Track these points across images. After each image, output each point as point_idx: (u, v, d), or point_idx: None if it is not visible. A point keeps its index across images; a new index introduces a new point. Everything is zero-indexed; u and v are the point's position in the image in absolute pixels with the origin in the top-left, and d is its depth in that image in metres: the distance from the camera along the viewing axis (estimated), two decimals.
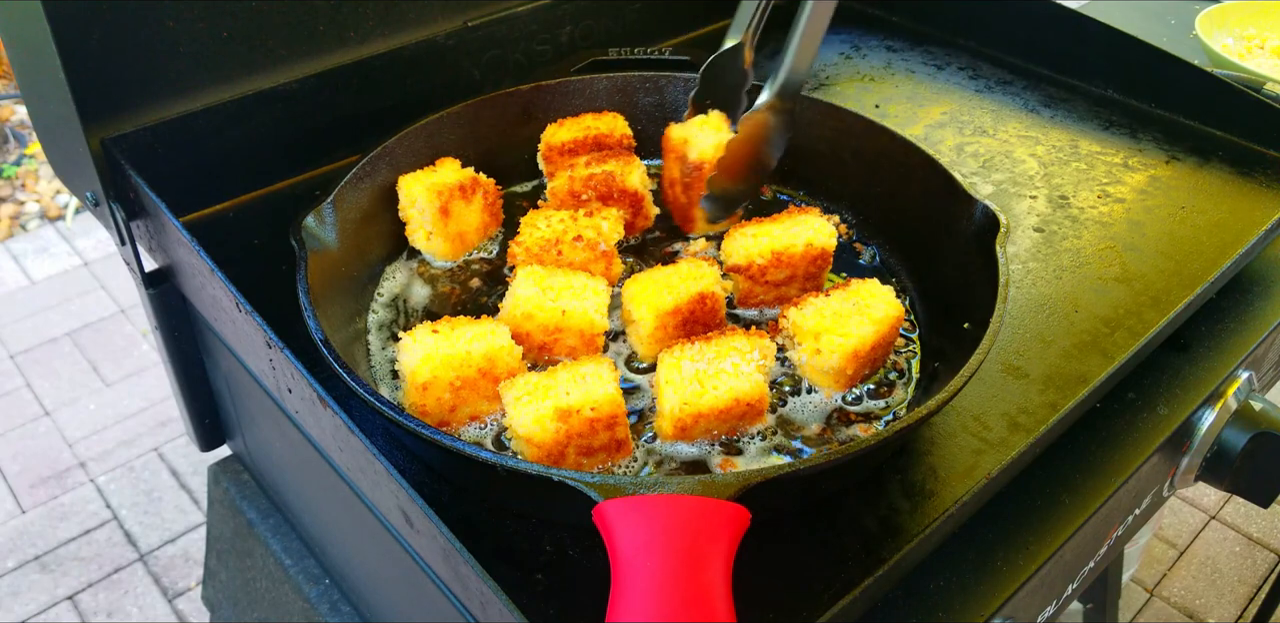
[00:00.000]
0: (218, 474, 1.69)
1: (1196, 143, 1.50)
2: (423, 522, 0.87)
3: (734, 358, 0.98)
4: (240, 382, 1.37)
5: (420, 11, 1.41)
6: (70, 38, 1.09)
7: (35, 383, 3.31)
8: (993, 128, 1.54)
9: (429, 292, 1.21)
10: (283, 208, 1.32)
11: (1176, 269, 1.25)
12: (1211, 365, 1.25)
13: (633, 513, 0.76)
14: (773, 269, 1.13)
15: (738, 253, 1.14)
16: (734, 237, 1.15)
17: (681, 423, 0.97)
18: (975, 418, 1.04)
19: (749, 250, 1.13)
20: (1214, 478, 1.32)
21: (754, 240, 1.14)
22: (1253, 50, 1.98)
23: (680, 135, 1.26)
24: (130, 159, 1.18)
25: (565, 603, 0.86)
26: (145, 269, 1.30)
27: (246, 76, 1.29)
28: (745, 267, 1.13)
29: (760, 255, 1.12)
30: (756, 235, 1.14)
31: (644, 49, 1.49)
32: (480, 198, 1.23)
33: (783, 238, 1.13)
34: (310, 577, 1.50)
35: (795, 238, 1.13)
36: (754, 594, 0.85)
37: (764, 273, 1.13)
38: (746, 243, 1.14)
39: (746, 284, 1.16)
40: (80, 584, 2.69)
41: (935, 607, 0.97)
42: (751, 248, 1.13)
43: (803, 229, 1.14)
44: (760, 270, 1.13)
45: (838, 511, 0.95)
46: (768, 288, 1.15)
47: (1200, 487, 2.21)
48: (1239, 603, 2.69)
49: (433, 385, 0.97)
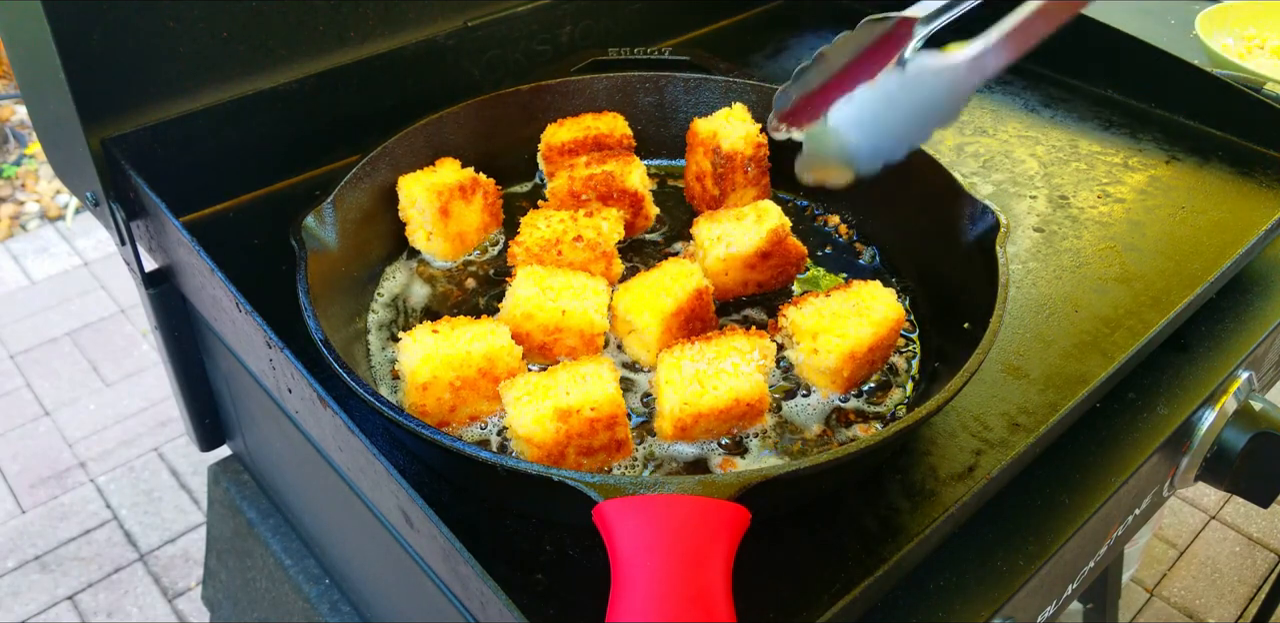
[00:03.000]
0: (218, 474, 1.69)
1: (1196, 143, 1.50)
2: (423, 522, 0.87)
3: (734, 358, 0.98)
4: (240, 382, 1.37)
5: (420, 11, 1.41)
6: (70, 38, 1.09)
7: (35, 383, 3.31)
8: (993, 128, 1.54)
9: (429, 292, 1.21)
10: (283, 208, 1.32)
11: (1176, 269, 1.25)
12: (1211, 365, 1.25)
13: (633, 513, 0.76)
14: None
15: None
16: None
17: (681, 423, 0.97)
18: (975, 418, 1.04)
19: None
20: (1214, 478, 1.32)
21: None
22: (1253, 50, 1.98)
23: (708, 128, 1.27)
24: (130, 159, 1.18)
25: (565, 603, 0.86)
26: (145, 269, 1.30)
27: (246, 76, 1.29)
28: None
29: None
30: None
31: (644, 49, 1.49)
32: (480, 198, 1.23)
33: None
34: (310, 577, 1.50)
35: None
36: (754, 594, 0.85)
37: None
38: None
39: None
40: (80, 584, 2.69)
41: (935, 607, 0.97)
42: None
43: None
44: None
45: (838, 511, 0.95)
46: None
47: (1200, 487, 2.21)
48: (1239, 603, 2.69)
49: (433, 385, 0.97)
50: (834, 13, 1.86)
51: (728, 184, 1.26)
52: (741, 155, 1.24)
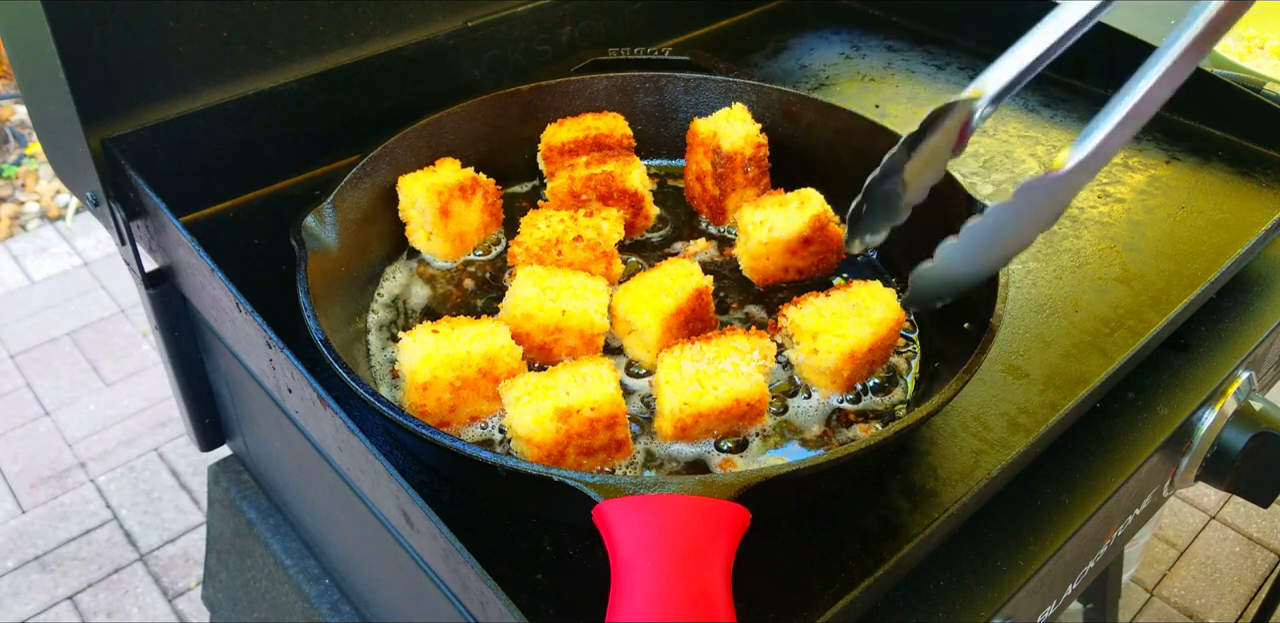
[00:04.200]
0: (218, 474, 1.69)
1: (1196, 143, 1.50)
2: (423, 522, 0.87)
3: (734, 358, 0.98)
4: (240, 382, 1.37)
5: (420, 11, 1.41)
6: (70, 38, 1.09)
7: (35, 383, 3.31)
8: (993, 128, 1.54)
9: (429, 292, 1.21)
10: (283, 208, 1.32)
11: (1176, 269, 1.25)
12: (1211, 365, 1.25)
13: (633, 513, 0.76)
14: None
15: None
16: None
17: (681, 423, 0.97)
18: (975, 418, 1.04)
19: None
20: (1214, 478, 1.32)
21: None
22: (1253, 50, 1.98)
23: (709, 128, 1.27)
24: (130, 159, 1.18)
25: (565, 603, 0.86)
26: (145, 269, 1.30)
27: (246, 76, 1.29)
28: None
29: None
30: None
31: (644, 49, 1.49)
32: (480, 198, 1.23)
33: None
34: (310, 577, 1.50)
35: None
36: (754, 594, 0.85)
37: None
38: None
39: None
40: (80, 584, 2.69)
41: (935, 607, 0.97)
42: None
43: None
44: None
45: (838, 511, 0.95)
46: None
47: (1200, 487, 2.21)
48: (1239, 603, 2.69)
49: (433, 385, 0.97)
50: (834, 13, 1.86)
51: (728, 184, 1.26)
52: (741, 155, 1.24)
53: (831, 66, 1.71)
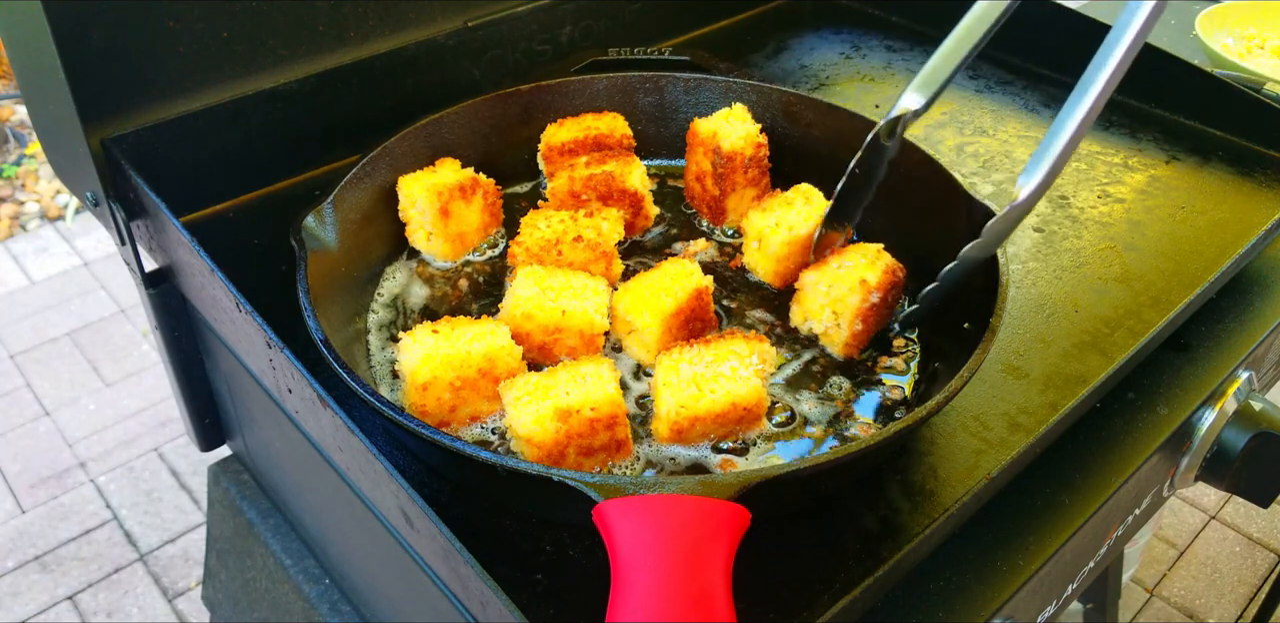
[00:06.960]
0: (218, 474, 1.69)
1: (1196, 143, 1.50)
2: (423, 522, 0.87)
3: (732, 362, 0.97)
4: (240, 382, 1.37)
5: (420, 11, 1.41)
6: (70, 38, 1.09)
7: (35, 383, 3.31)
8: (993, 128, 1.54)
9: (429, 292, 1.21)
10: (283, 208, 1.32)
11: (1176, 269, 1.25)
12: (1211, 365, 1.25)
13: (633, 513, 0.76)
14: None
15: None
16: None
17: (678, 426, 0.97)
18: (975, 418, 1.04)
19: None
20: (1214, 478, 1.32)
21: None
22: (1253, 50, 1.99)
23: (709, 128, 1.27)
24: (130, 159, 1.18)
25: (565, 603, 0.86)
26: (145, 269, 1.30)
27: (246, 76, 1.29)
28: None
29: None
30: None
31: (644, 49, 1.49)
32: (480, 198, 1.23)
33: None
34: (310, 577, 1.50)
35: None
36: (754, 594, 0.85)
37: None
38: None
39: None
40: (80, 584, 2.69)
41: (935, 607, 0.97)
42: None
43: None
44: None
45: (838, 511, 0.95)
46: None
47: (1200, 487, 2.21)
48: (1239, 603, 2.69)
49: (433, 385, 0.97)
50: (834, 13, 1.86)
51: (728, 184, 1.26)
52: (741, 155, 1.24)
53: (831, 66, 1.71)
